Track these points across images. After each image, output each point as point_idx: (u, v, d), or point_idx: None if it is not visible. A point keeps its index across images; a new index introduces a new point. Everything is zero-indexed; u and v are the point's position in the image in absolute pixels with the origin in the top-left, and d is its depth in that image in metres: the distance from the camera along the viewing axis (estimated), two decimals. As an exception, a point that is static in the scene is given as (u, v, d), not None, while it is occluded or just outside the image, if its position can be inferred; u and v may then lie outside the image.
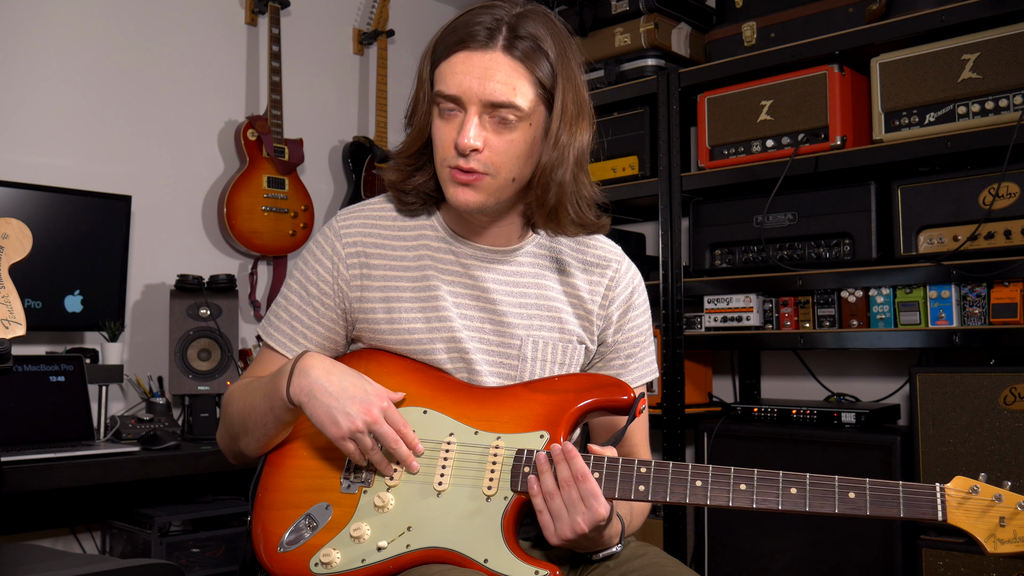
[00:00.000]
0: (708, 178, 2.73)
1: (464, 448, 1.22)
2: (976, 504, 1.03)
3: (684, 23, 2.99)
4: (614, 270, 1.37)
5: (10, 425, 2.36)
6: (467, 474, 1.20)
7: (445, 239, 1.33)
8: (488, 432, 1.23)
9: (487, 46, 1.19)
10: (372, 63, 3.59)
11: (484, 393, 1.27)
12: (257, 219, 3.05)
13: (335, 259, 1.32)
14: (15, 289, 1.14)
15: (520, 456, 1.19)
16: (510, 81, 1.19)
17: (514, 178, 1.24)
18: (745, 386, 3.05)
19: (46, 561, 1.68)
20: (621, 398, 1.21)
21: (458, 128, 1.21)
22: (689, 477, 1.12)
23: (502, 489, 1.17)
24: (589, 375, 1.29)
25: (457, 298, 1.30)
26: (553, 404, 1.22)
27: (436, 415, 1.25)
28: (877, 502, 1.06)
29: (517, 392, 1.26)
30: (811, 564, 2.37)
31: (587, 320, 1.34)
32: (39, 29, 2.76)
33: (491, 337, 1.30)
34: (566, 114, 1.23)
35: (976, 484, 1.04)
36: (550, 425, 1.20)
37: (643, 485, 1.13)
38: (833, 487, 1.08)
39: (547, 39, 1.22)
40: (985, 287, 2.22)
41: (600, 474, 1.14)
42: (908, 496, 1.05)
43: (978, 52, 2.23)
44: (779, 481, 1.10)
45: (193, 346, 2.78)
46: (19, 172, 2.66)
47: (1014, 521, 1.01)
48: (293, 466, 1.27)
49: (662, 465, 1.13)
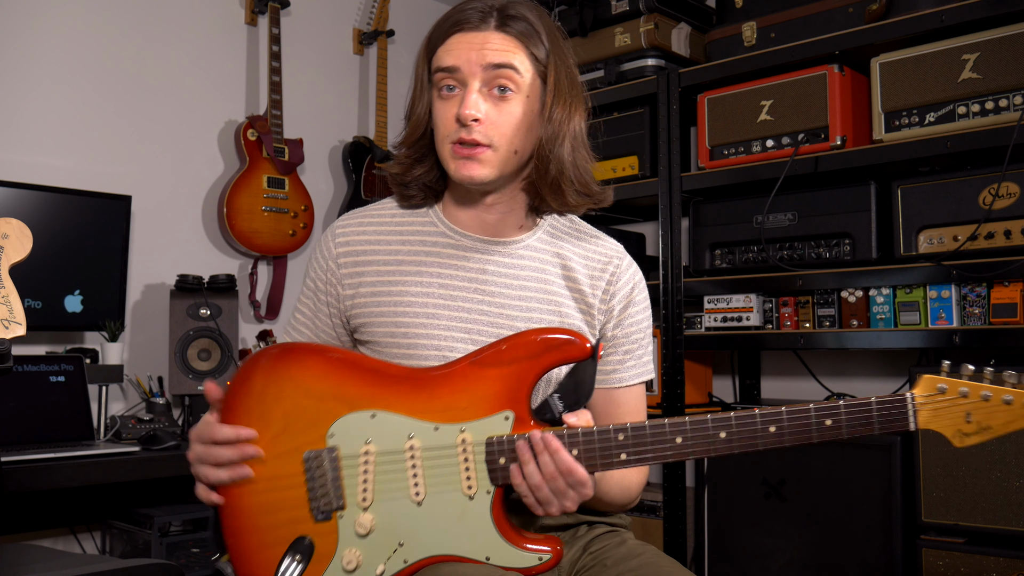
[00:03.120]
0: (708, 178, 2.73)
1: (429, 451, 1.15)
2: (943, 402, 1.05)
3: (684, 23, 2.99)
4: (615, 265, 1.37)
5: (10, 425, 2.36)
6: (441, 478, 1.15)
7: (445, 232, 1.34)
8: (449, 424, 1.15)
9: (480, 26, 1.24)
10: (372, 63, 3.59)
11: (431, 379, 1.18)
12: (257, 219, 3.05)
13: (329, 260, 1.35)
14: (15, 289, 1.14)
15: (491, 445, 1.14)
16: (507, 48, 1.24)
17: (516, 150, 1.26)
18: (745, 386, 3.05)
19: (46, 561, 1.68)
20: (577, 354, 1.15)
21: (458, 104, 1.24)
22: (668, 434, 1.11)
23: (482, 485, 1.14)
24: (536, 333, 1.17)
25: (455, 291, 1.30)
26: (509, 377, 1.15)
27: (386, 416, 1.17)
28: (854, 425, 1.07)
29: (466, 371, 1.17)
30: (811, 564, 2.37)
31: (589, 314, 1.34)
32: (39, 29, 2.76)
33: (489, 328, 1.29)
34: (560, 90, 1.27)
35: (943, 383, 1.05)
36: (512, 402, 1.15)
37: (624, 452, 1.11)
38: (810, 419, 1.08)
39: (537, 22, 1.28)
40: (985, 287, 2.22)
41: (578, 450, 1.12)
42: (881, 414, 1.06)
43: (978, 52, 2.23)
44: (757, 422, 1.09)
45: (193, 346, 2.78)
46: (19, 172, 2.67)
47: (978, 413, 1.04)
48: (253, 504, 1.18)
49: (638, 427, 1.11)
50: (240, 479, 1.17)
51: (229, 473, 1.17)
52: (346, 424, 1.17)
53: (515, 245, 1.34)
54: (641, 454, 1.11)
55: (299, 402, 1.18)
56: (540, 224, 1.37)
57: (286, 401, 1.18)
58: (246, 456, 1.17)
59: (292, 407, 1.18)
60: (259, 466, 1.18)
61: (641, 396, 1.38)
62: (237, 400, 1.20)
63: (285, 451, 1.18)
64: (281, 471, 1.18)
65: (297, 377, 1.19)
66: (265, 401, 1.19)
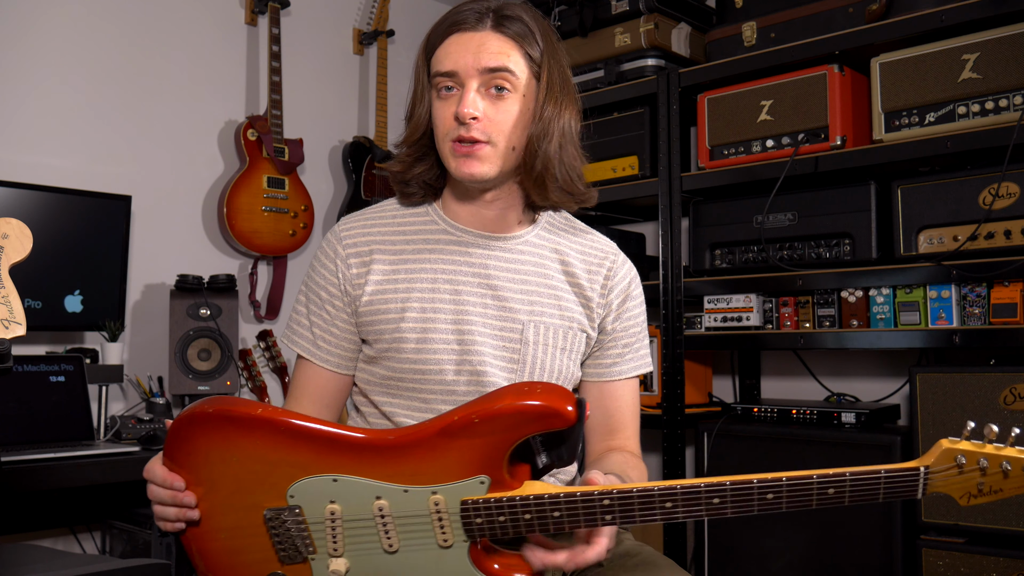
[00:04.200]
0: (708, 178, 2.73)
1: (400, 516, 1.09)
2: (957, 477, 0.98)
3: (684, 23, 2.99)
4: (611, 260, 1.40)
5: (10, 425, 2.36)
6: (415, 535, 1.09)
7: (446, 229, 1.35)
8: (419, 487, 1.07)
9: (477, 27, 1.26)
10: (372, 63, 3.59)
11: (396, 446, 1.09)
12: (257, 219, 3.05)
13: (337, 261, 1.35)
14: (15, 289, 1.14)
15: (467, 508, 1.06)
16: (503, 50, 1.26)
17: (514, 147, 1.28)
18: (745, 386, 3.05)
19: (46, 561, 1.68)
20: (560, 425, 1.05)
21: (457, 103, 1.25)
22: (657, 500, 1.02)
23: (458, 537, 1.08)
24: (513, 399, 1.06)
25: (459, 285, 1.31)
26: (482, 447, 1.06)
27: (349, 480, 1.09)
28: (857, 495, 1.00)
29: (434, 442, 1.07)
30: (811, 564, 2.36)
31: (588, 308, 1.36)
32: (39, 29, 2.76)
33: (494, 322, 1.31)
34: (552, 89, 1.29)
35: (962, 453, 0.97)
36: (488, 468, 1.06)
37: (609, 515, 1.04)
38: (812, 488, 1.00)
39: (532, 23, 1.29)
40: (985, 287, 2.22)
41: (560, 512, 1.05)
42: (889, 486, 0.99)
43: (978, 52, 2.23)
44: (754, 491, 1.01)
45: (193, 346, 2.78)
46: (19, 172, 2.66)
47: (991, 482, 0.98)
48: (220, 548, 1.15)
49: (625, 492, 1.03)
50: (186, 520, 1.14)
51: (175, 512, 1.14)
52: (306, 487, 1.10)
53: (515, 240, 1.35)
54: (628, 517, 1.04)
55: (249, 467, 1.11)
56: (538, 220, 1.39)
57: (235, 465, 1.12)
58: (180, 503, 1.14)
59: (242, 471, 1.12)
60: (219, 516, 1.13)
61: (637, 388, 1.42)
62: (181, 456, 1.14)
63: (244, 506, 1.13)
64: (243, 522, 1.13)
65: (243, 446, 1.11)
66: (211, 463, 1.12)
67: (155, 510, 1.17)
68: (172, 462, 1.15)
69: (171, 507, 1.15)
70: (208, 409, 1.12)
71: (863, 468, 0.99)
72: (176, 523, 1.15)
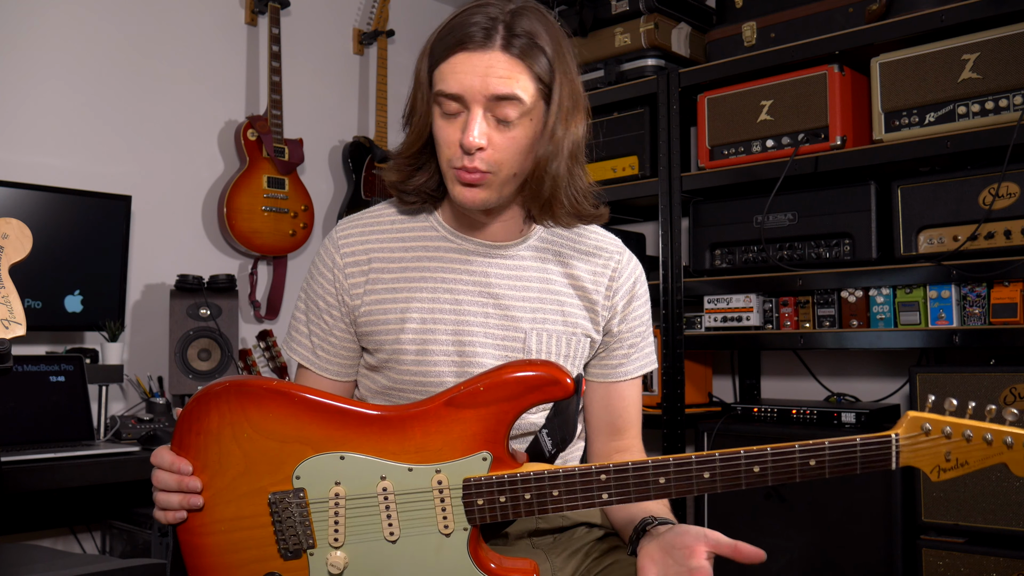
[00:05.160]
0: (708, 178, 2.73)
1: (403, 494, 1.11)
2: (925, 443, 1.05)
3: (684, 23, 2.99)
4: (616, 260, 1.38)
5: (10, 425, 2.36)
6: (416, 519, 1.12)
7: (446, 237, 1.33)
8: (423, 465, 1.11)
9: (485, 45, 1.19)
10: (372, 63, 3.59)
11: (402, 419, 1.13)
12: (257, 219, 3.05)
13: (335, 271, 1.33)
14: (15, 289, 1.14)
15: (469, 487, 1.10)
16: (511, 75, 1.19)
17: (515, 173, 1.24)
18: (745, 386, 3.05)
19: (46, 561, 1.68)
20: (560, 394, 1.11)
21: (461, 127, 1.21)
22: (651, 474, 1.08)
23: (459, 523, 1.11)
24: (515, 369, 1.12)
25: (460, 295, 1.30)
26: (486, 419, 1.11)
27: (356, 458, 1.12)
28: (836, 465, 1.06)
29: (440, 412, 1.12)
30: (811, 564, 2.37)
31: (593, 311, 1.35)
32: (39, 29, 2.76)
33: (496, 331, 1.30)
34: (562, 108, 1.24)
35: (927, 421, 1.05)
36: (490, 443, 1.11)
37: (606, 493, 1.09)
38: (794, 459, 1.06)
39: (543, 35, 1.23)
40: (985, 287, 2.22)
41: (559, 491, 1.10)
42: (864, 455, 1.05)
43: (978, 52, 2.23)
44: (741, 462, 1.06)
45: (193, 346, 2.78)
46: (19, 172, 2.67)
47: (957, 451, 1.05)
48: (217, 543, 1.15)
49: (621, 467, 1.08)
50: (189, 508, 1.14)
51: (179, 499, 1.14)
52: (313, 466, 1.12)
53: (516, 247, 1.34)
54: (624, 493, 1.08)
55: (260, 444, 1.13)
56: (538, 227, 1.37)
57: (245, 443, 1.13)
58: (186, 488, 1.14)
59: (252, 449, 1.13)
60: (221, 506, 1.14)
61: (640, 386, 1.42)
62: (191, 438, 1.15)
63: (248, 492, 1.14)
64: (245, 511, 1.14)
65: (255, 419, 1.13)
66: (222, 441, 1.14)
67: (158, 498, 1.16)
68: (180, 448, 1.16)
69: (175, 494, 1.14)
70: (223, 383, 1.15)
71: (841, 438, 1.06)
72: (178, 512, 1.14)
